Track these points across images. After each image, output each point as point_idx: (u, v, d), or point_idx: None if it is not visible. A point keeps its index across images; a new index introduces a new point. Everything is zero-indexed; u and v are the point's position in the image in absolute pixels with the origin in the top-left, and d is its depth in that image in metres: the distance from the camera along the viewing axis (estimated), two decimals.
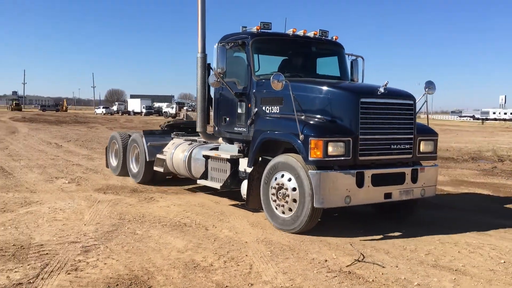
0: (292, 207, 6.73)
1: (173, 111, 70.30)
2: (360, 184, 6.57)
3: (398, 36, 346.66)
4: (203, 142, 9.58)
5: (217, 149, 8.82)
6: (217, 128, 8.77)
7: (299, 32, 8.42)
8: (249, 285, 4.82)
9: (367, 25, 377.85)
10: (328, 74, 8.68)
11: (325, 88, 7.10)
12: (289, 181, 6.76)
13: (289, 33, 8.35)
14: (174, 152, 9.93)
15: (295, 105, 6.73)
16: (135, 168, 11.10)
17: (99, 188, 10.05)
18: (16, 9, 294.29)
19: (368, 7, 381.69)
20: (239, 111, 8.13)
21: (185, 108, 58.04)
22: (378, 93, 6.76)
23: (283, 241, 6.33)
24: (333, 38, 8.84)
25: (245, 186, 7.63)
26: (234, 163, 8.14)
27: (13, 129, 30.21)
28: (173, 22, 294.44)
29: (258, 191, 7.32)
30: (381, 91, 6.76)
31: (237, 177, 8.14)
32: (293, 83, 7.04)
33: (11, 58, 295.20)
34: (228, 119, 8.45)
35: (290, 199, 6.75)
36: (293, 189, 6.70)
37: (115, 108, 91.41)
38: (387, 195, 6.88)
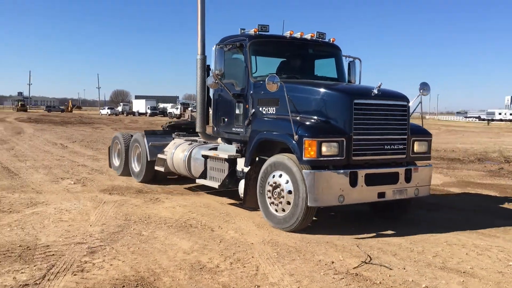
0: (287, 206, 6.85)
1: (177, 112, 70.52)
2: (353, 183, 6.66)
3: (398, 36, 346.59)
4: (203, 142, 9.71)
5: (216, 149, 8.96)
6: (216, 128, 8.93)
7: (296, 34, 8.50)
8: (256, 287, 4.80)
9: (367, 26, 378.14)
10: (325, 75, 8.79)
11: (319, 89, 7.21)
12: (284, 180, 6.88)
13: (286, 36, 8.46)
14: (174, 152, 10.06)
15: (290, 106, 6.89)
16: (136, 167, 11.27)
17: (105, 189, 10.06)
18: (19, 9, 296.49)
19: (368, 7, 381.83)
20: (237, 112, 8.28)
21: (189, 108, 57.95)
22: (371, 95, 6.88)
23: (289, 243, 6.31)
24: (331, 40, 8.92)
25: (242, 185, 7.77)
26: (232, 162, 8.31)
27: (18, 129, 30.34)
28: (178, 23, 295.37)
29: (255, 190, 7.47)
30: (375, 92, 6.87)
31: (235, 176, 8.30)
32: (288, 85, 7.15)
33: (16, 59, 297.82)
34: (226, 119, 8.58)
35: (285, 198, 6.88)
36: (288, 188, 6.81)
37: (120, 109, 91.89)
38: (381, 195, 6.98)
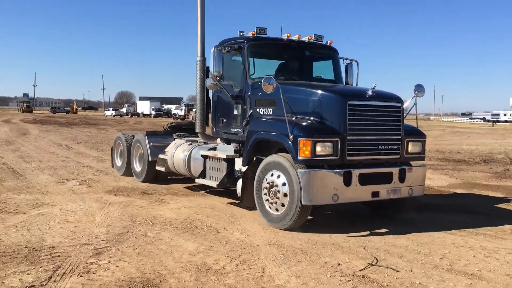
0: (282, 205, 6.95)
1: (182, 113, 70.55)
2: (347, 183, 6.76)
3: (398, 36, 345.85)
4: (203, 142, 9.85)
5: (215, 149, 9.11)
6: (215, 129, 9.11)
7: (294, 36, 8.63)
8: None
9: (367, 25, 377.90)
10: (323, 77, 8.94)
11: (314, 90, 7.34)
12: (280, 179, 7.01)
13: (284, 38, 8.60)
14: (175, 152, 10.20)
15: (285, 107, 7.01)
16: (138, 167, 11.41)
17: (110, 190, 10.07)
18: (20, 9, 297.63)
19: (368, 7, 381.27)
20: (235, 112, 8.45)
21: (194, 110, 58.14)
22: (366, 96, 7.00)
23: (295, 244, 6.28)
24: (328, 42, 9.05)
25: (240, 184, 7.90)
26: (230, 162, 8.46)
27: (24, 130, 30.46)
28: (183, 24, 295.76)
29: (252, 189, 7.59)
30: (369, 93, 6.98)
31: (233, 176, 8.45)
32: (284, 86, 7.29)
33: (21, 60, 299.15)
34: (225, 120, 8.74)
35: (280, 196, 6.99)
36: (284, 187, 6.92)
37: (124, 110, 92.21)
38: (375, 194, 7.09)
